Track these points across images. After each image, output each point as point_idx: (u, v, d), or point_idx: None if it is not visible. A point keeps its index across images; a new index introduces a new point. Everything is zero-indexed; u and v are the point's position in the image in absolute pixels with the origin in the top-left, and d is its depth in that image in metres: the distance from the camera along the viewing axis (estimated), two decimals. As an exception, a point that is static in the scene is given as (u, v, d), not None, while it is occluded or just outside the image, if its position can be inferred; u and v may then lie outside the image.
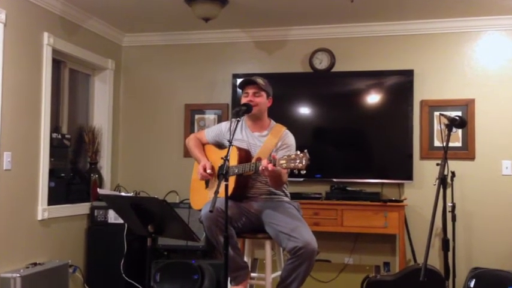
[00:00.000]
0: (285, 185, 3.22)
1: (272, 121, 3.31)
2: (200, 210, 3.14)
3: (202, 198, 3.21)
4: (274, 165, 2.81)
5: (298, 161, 2.73)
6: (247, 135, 3.24)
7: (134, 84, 5.29)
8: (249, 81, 3.22)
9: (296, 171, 2.76)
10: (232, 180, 3.03)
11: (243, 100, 3.20)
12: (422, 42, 4.67)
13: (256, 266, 4.36)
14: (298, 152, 2.76)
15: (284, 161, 2.77)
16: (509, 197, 4.43)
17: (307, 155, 2.73)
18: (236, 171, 3.04)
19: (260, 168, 2.87)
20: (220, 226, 2.87)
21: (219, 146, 3.35)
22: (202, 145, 3.41)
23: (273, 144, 3.14)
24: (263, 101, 3.20)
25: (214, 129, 3.42)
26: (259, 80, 3.20)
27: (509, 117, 4.48)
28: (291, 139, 3.21)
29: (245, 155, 3.12)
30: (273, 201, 3.18)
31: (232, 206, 2.99)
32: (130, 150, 5.26)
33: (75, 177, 4.72)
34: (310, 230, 2.98)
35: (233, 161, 3.05)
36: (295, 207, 3.22)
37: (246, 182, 3.14)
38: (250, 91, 3.19)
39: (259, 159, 3.03)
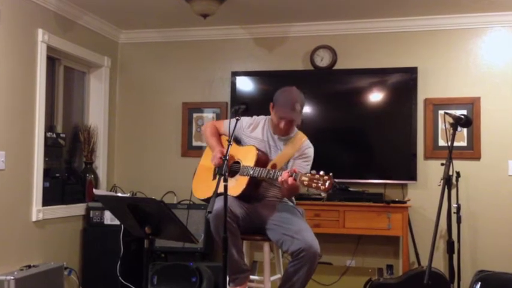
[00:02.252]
0: None
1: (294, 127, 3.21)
2: (204, 200, 3.12)
3: (208, 189, 3.13)
4: (295, 179, 2.76)
5: (321, 182, 2.69)
6: (267, 136, 3.18)
7: (131, 82, 5.24)
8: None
9: (315, 191, 2.70)
10: (244, 180, 3.02)
11: (275, 118, 3.06)
12: (426, 38, 4.61)
13: (255, 268, 4.33)
14: (323, 173, 2.70)
15: (307, 179, 2.73)
16: (515, 198, 4.38)
17: (333, 179, 2.68)
18: (251, 173, 2.99)
19: (280, 179, 2.84)
20: (228, 226, 2.82)
21: (236, 140, 3.26)
22: (219, 135, 3.35)
23: (291, 154, 3.10)
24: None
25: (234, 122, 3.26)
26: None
27: (515, 116, 4.43)
28: (310, 150, 3.16)
29: (263, 159, 3.07)
30: (279, 205, 3.17)
31: (239, 206, 2.99)
32: (126, 149, 5.21)
33: (71, 178, 4.69)
34: (313, 234, 2.95)
35: (250, 161, 3.03)
36: (300, 212, 3.21)
37: (257, 185, 3.11)
38: (288, 121, 3.04)
39: (274, 166, 3.01)
